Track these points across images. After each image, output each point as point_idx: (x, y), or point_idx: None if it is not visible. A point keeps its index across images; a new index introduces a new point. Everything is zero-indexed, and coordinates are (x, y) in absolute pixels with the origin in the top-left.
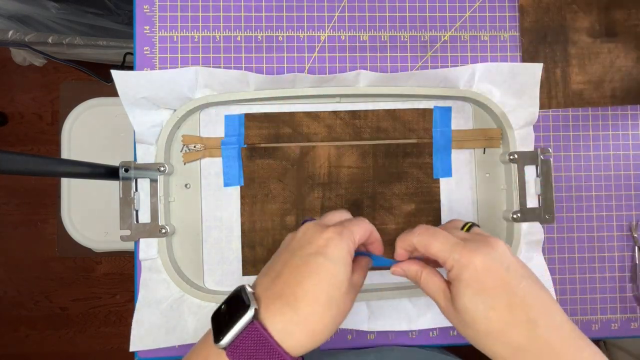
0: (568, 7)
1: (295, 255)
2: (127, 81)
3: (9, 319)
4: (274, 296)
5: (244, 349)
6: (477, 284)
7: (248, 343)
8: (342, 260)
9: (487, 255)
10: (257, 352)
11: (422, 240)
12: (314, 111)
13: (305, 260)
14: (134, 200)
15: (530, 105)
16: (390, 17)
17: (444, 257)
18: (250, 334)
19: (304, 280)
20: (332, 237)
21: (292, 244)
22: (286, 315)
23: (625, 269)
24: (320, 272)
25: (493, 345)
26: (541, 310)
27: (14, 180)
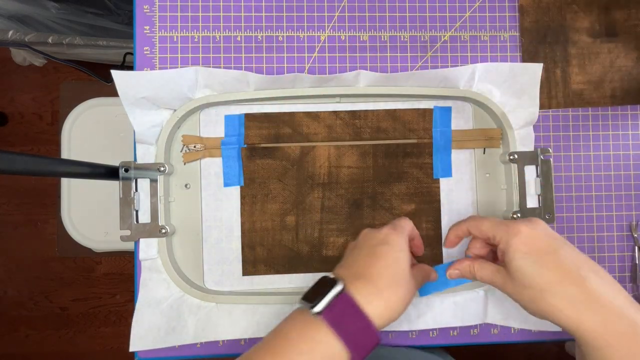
0: (568, 7)
1: (363, 249)
2: (127, 81)
3: (9, 319)
4: (353, 276)
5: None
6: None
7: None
8: (401, 247)
9: (531, 226)
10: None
11: (473, 223)
12: (314, 111)
13: (372, 250)
14: (134, 200)
15: (530, 105)
16: (390, 17)
17: (494, 231)
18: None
19: (375, 264)
20: (389, 232)
21: (358, 243)
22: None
23: (625, 269)
24: (387, 257)
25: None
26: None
27: (14, 180)
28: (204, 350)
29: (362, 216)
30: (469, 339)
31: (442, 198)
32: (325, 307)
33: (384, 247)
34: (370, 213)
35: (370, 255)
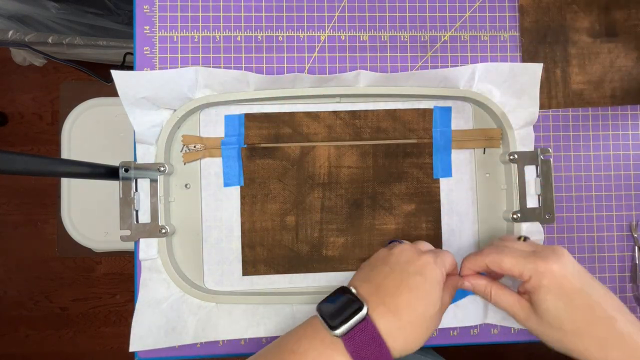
0: (568, 7)
1: (395, 271)
2: (127, 81)
3: (9, 319)
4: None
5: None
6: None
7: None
8: (437, 282)
9: (561, 262)
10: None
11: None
12: (314, 111)
13: (406, 276)
14: (134, 200)
15: (530, 105)
16: (390, 17)
17: (520, 269)
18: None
19: (404, 293)
20: (429, 262)
21: (391, 259)
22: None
23: (625, 269)
24: (420, 289)
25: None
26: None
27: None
28: (204, 350)
29: (362, 216)
30: (469, 339)
31: (442, 198)
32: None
33: (417, 277)
34: (370, 213)
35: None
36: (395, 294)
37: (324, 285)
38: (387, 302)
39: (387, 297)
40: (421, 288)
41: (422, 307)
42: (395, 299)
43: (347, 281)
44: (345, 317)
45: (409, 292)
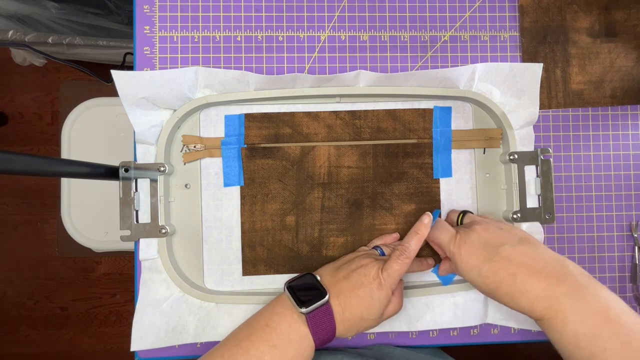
0: (568, 7)
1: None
2: (127, 81)
3: (9, 319)
4: (334, 294)
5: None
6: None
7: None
8: (382, 301)
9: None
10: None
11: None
12: (314, 111)
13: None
14: (134, 200)
15: (530, 105)
16: (390, 17)
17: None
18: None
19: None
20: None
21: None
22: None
23: (625, 269)
24: (364, 300)
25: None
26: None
27: (14, 180)
28: (204, 350)
29: (362, 216)
30: (469, 339)
31: (442, 198)
32: (311, 311)
33: (366, 291)
34: (370, 213)
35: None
36: (347, 295)
37: None
38: (340, 298)
39: (341, 294)
40: (366, 300)
41: (360, 313)
42: (346, 299)
43: None
44: (311, 299)
45: (357, 298)
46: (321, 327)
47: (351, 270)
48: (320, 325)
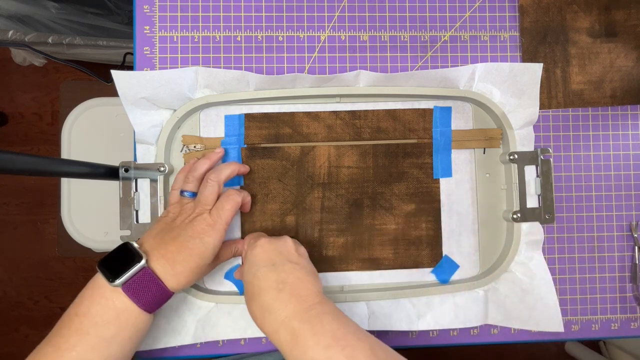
0: (568, 7)
1: (180, 235)
2: (127, 81)
3: (9, 319)
4: (159, 255)
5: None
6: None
7: (140, 281)
8: (212, 245)
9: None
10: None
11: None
12: (314, 111)
13: (187, 239)
14: (134, 200)
15: (530, 105)
16: (390, 17)
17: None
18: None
19: (182, 252)
20: (206, 229)
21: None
22: (167, 269)
23: (625, 269)
24: (195, 250)
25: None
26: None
27: (14, 180)
28: (204, 350)
29: (362, 216)
30: (469, 339)
31: (442, 198)
32: (126, 280)
33: (196, 241)
34: (370, 213)
35: (183, 243)
36: (175, 251)
37: (324, 285)
38: (167, 256)
39: (167, 253)
40: (196, 249)
41: (195, 263)
42: (174, 255)
43: (347, 281)
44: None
45: (187, 250)
46: (144, 292)
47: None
48: (142, 290)
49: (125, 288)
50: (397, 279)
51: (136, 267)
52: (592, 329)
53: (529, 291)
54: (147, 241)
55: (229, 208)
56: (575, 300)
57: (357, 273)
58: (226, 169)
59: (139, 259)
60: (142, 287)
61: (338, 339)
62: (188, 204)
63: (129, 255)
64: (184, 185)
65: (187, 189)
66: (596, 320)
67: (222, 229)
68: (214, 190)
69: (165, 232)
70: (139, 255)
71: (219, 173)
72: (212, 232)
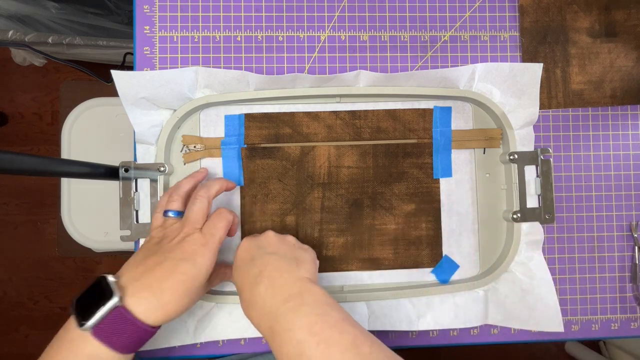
0: (568, 7)
1: (167, 259)
2: (127, 81)
3: (9, 319)
4: (142, 287)
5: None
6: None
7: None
8: (206, 267)
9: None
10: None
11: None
12: (314, 111)
13: (176, 263)
14: (134, 200)
15: (530, 105)
16: (390, 17)
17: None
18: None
19: (171, 277)
20: (198, 249)
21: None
22: (150, 301)
23: (625, 269)
24: (186, 274)
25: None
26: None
27: (14, 180)
28: (204, 350)
29: (362, 216)
30: (469, 339)
31: (442, 198)
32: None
33: (187, 264)
34: (370, 213)
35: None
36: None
37: (324, 285)
38: (152, 286)
39: (153, 282)
40: (188, 273)
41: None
42: (161, 283)
43: (347, 281)
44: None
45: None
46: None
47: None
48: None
49: (96, 332)
50: (397, 279)
51: (106, 307)
52: (592, 329)
53: (529, 291)
54: (127, 272)
55: (221, 226)
56: (575, 300)
57: (357, 273)
58: (215, 184)
59: (109, 296)
60: (115, 330)
61: (314, 334)
62: (174, 225)
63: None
64: (167, 204)
65: (171, 207)
66: (596, 320)
67: (215, 248)
68: (204, 206)
69: (148, 258)
70: (109, 292)
71: (209, 189)
72: (205, 252)
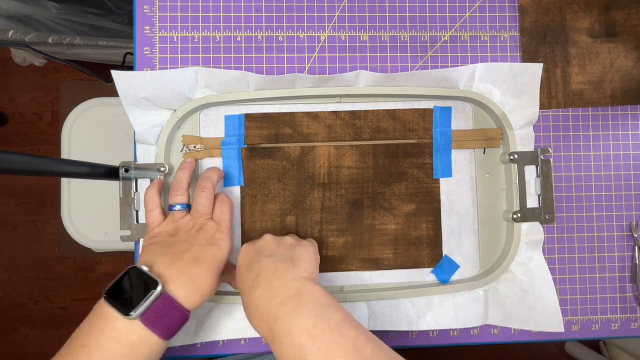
0: (568, 7)
1: (194, 245)
2: (127, 81)
3: (9, 319)
4: (177, 273)
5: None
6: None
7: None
8: (228, 250)
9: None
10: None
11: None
12: (314, 111)
13: (202, 249)
14: (134, 200)
15: (530, 105)
16: (390, 17)
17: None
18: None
19: (202, 262)
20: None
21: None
22: (189, 286)
23: (625, 269)
24: (214, 257)
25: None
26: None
27: (14, 180)
28: (204, 350)
29: (362, 216)
30: (469, 339)
31: (442, 198)
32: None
33: (213, 249)
34: (370, 213)
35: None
36: (193, 264)
37: (324, 285)
38: (186, 272)
39: (186, 268)
40: (216, 256)
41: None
42: (193, 269)
43: (347, 281)
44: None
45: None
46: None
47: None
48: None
49: (144, 319)
50: (397, 279)
51: (153, 295)
52: (592, 329)
53: (529, 291)
54: (156, 262)
55: (227, 211)
56: (575, 300)
57: (357, 273)
58: (214, 175)
59: (154, 285)
60: (162, 315)
61: (314, 338)
62: (184, 218)
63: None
64: (172, 198)
65: (178, 201)
66: (596, 320)
67: (229, 231)
68: (211, 197)
69: (171, 248)
70: (154, 281)
71: (211, 180)
72: (224, 237)
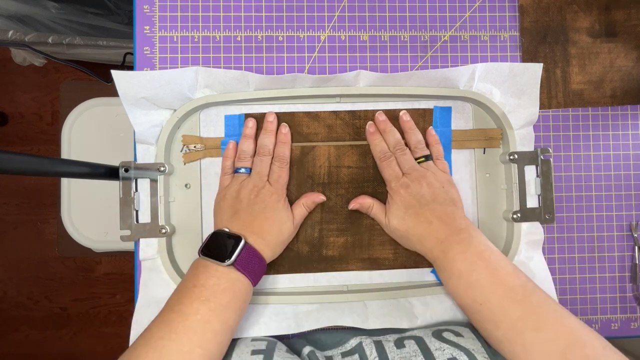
0: (568, 7)
1: (255, 208)
2: (127, 81)
3: (9, 319)
4: (250, 232)
5: (245, 261)
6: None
7: (246, 258)
8: (285, 208)
9: (410, 188)
10: (252, 261)
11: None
12: (314, 111)
13: (262, 211)
14: (134, 200)
15: (530, 105)
16: (390, 17)
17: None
18: (247, 252)
19: (265, 222)
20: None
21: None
22: (261, 241)
23: (625, 269)
24: (275, 217)
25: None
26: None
27: (14, 180)
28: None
29: (362, 216)
30: None
31: None
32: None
33: (272, 210)
34: None
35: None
36: (260, 226)
37: (325, 285)
38: (254, 231)
39: (253, 228)
40: (276, 217)
41: (277, 229)
42: (259, 228)
43: (347, 281)
44: (230, 250)
45: (268, 220)
46: (251, 266)
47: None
48: (250, 264)
49: (237, 265)
50: (397, 278)
51: (240, 246)
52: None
53: None
54: (231, 223)
55: (283, 174)
56: (575, 300)
57: (357, 273)
58: (269, 142)
59: (239, 239)
60: (249, 262)
61: (484, 259)
62: (245, 180)
63: (228, 239)
64: (239, 162)
65: (243, 165)
66: (596, 320)
67: (284, 192)
68: (268, 163)
69: (238, 213)
70: (237, 237)
71: (267, 147)
72: (280, 198)
